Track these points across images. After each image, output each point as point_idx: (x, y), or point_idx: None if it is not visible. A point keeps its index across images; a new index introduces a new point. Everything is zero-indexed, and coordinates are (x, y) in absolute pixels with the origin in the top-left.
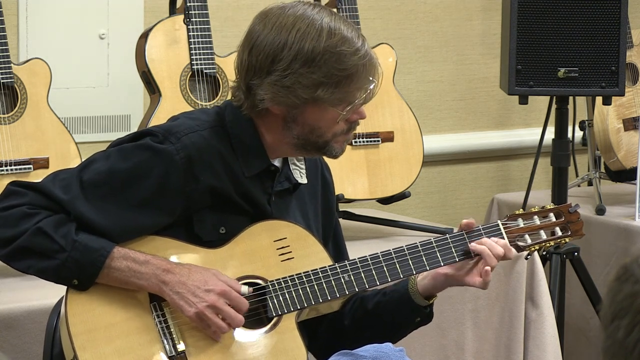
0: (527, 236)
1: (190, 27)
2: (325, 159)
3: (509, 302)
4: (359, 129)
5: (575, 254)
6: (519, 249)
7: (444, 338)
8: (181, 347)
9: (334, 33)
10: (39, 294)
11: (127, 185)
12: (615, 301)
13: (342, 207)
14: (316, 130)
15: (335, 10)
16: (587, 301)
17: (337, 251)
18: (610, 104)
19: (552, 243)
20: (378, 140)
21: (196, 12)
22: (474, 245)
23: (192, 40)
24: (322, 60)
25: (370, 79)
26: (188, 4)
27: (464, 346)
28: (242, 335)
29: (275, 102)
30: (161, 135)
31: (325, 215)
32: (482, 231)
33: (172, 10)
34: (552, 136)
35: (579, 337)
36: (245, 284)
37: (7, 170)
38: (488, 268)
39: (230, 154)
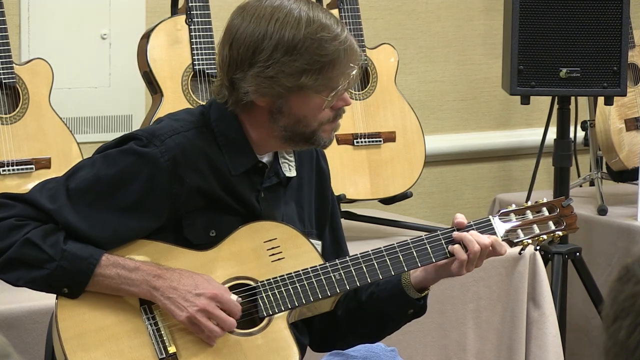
0: (519, 231)
1: (192, 27)
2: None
3: (511, 303)
4: (361, 129)
5: (577, 254)
6: (512, 244)
7: (446, 338)
8: (172, 349)
9: (312, 20)
10: (41, 294)
11: (114, 191)
12: (617, 302)
13: (344, 207)
14: (302, 120)
15: (336, 10)
16: (589, 301)
17: (335, 242)
18: (612, 104)
19: (545, 237)
20: (380, 141)
21: (198, 12)
22: (457, 234)
23: (193, 40)
24: (304, 47)
25: (352, 65)
26: (190, 4)
27: (465, 346)
28: (233, 336)
29: (259, 94)
30: (145, 139)
31: (319, 204)
32: (474, 227)
33: (174, 11)
34: (554, 136)
35: (580, 337)
36: (235, 285)
37: (9, 170)
38: (464, 254)
39: (217, 153)
